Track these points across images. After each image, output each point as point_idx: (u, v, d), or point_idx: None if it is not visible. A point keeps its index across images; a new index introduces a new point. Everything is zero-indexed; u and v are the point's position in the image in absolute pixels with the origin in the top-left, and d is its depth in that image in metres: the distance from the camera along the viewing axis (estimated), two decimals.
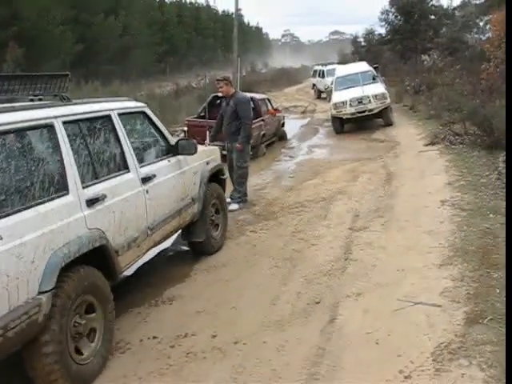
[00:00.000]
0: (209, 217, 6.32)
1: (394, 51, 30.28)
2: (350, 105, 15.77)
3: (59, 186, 3.83)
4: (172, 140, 5.67)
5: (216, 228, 6.59)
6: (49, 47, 30.22)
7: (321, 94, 28.39)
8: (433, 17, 30.74)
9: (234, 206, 8.40)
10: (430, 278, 5.16)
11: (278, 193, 9.41)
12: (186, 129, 13.78)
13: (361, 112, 15.81)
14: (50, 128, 3.89)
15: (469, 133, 11.80)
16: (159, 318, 4.92)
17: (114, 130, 4.69)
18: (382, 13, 31.81)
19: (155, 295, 5.36)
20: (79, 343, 3.88)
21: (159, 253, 6.59)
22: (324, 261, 5.91)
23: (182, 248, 6.77)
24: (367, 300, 4.87)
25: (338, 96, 16.38)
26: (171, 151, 5.61)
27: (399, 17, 30.53)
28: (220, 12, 66.58)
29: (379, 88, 16.21)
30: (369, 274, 5.45)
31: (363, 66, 18.16)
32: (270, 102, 16.10)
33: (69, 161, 3.95)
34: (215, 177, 6.64)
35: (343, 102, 15.89)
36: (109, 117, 4.68)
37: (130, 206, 4.59)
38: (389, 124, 16.28)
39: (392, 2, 31.12)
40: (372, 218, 7.34)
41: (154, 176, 5.03)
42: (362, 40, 37.14)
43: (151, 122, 5.52)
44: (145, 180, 4.88)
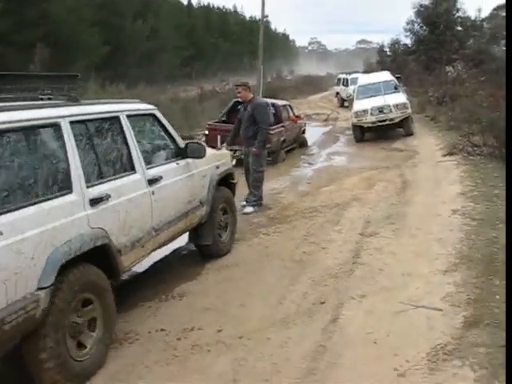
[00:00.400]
0: (217, 220, 6.38)
1: (419, 62, 30.28)
2: (371, 113, 15.89)
3: (63, 185, 3.91)
4: (181, 143, 5.75)
5: (224, 231, 6.66)
6: (76, 49, 30.75)
7: (344, 103, 28.47)
8: (459, 28, 30.69)
9: (248, 209, 8.60)
10: (434, 283, 5.29)
11: (293, 198, 9.58)
12: (206, 132, 14.05)
13: (381, 121, 15.91)
14: (57, 127, 3.98)
15: (487, 144, 11.86)
16: (168, 312, 5.11)
17: (121, 132, 4.76)
18: (408, 23, 31.91)
19: (166, 291, 5.56)
20: (80, 337, 3.98)
21: (173, 251, 6.81)
22: (333, 264, 6.07)
23: (195, 247, 6.95)
24: (371, 302, 5.01)
25: (359, 104, 16.52)
26: (180, 154, 5.68)
27: (424, 27, 30.54)
28: (247, 17, 67.28)
29: (401, 98, 16.31)
30: (375, 277, 5.59)
31: (385, 76, 18.26)
32: (292, 108, 16.27)
33: (74, 160, 4.02)
34: (225, 181, 6.71)
35: (364, 111, 16.02)
36: (117, 118, 4.76)
37: (135, 207, 4.66)
38: (409, 134, 16.34)
39: (418, 13, 31.15)
40: (384, 224, 7.46)
41: (160, 178, 5.09)
42: (387, 49, 37.17)
43: (161, 124, 5.60)
44: (151, 181, 4.94)
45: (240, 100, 15.36)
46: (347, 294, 5.22)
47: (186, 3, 56.77)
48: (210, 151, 6.53)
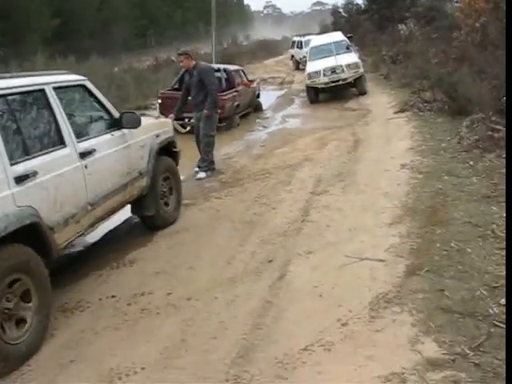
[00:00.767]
0: (159, 190, 6.23)
1: (372, 21, 30.30)
2: (324, 74, 15.90)
3: None
4: (116, 113, 5.52)
5: (169, 201, 6.52)
6: (24, 22, 29.86)
7: (299, 65, 28.40)
8: None
9: (201, 175, 8.62)
10: (379, 235, 5.41)
11: (246, 161, 9.61)
12: (159, 101, 13.90)
13: (334, 81, 15.93)
14: None
15: (437, 100, 12.02)
16: (119, 279, 5.14)
17: (48, 105, 4.53)
18: None
19: (118, 259, 5.57)
20: (17, 315, 3.90)
21: (125, 221, 6.80)
22: (282, 223, 6.14)
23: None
24: (317, 257, 5.11)
25: (311, 66, 16.50)
26: (115, 125, 5.46)
27: None
28: None
29: (352, 57, 16.35)
30: (322, 233, 5.68)
31: (337, 36, 18.23)
32: (245, 73, 16.20)
33: None
34: (167, 150, 6.54)
35: (317, 72, 16.01)
36: (42, 91, 4.52)
37: (66, 182, 4.49)
38: (362, 93, 16.44)
39: None
40: (334, 182, 7.56)
41: (93, 150, 4.91)
42: (341, 11, 37.07)
43: (92, 95, 5.37)
44: (83, 155, 4.76)
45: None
46: (294, 251, 5.31)
47: None
48: (148, 120, 6.46)
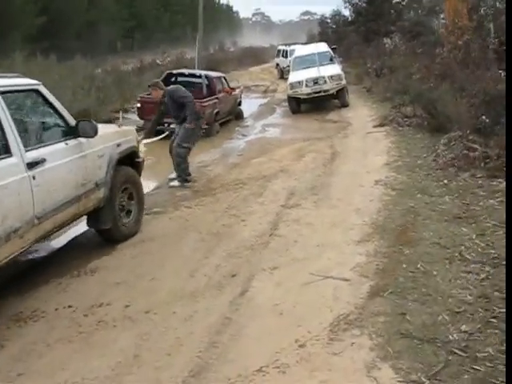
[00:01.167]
0: (117, 203, 5.93)
1: (358, 33, 30.38)
2: (306, 85, 15.85)
3: None
4: (72, 121, 5.27)
5: (128, 214, 6.22)
6: (8, 19, 29.51)
7: (283, 74, 28.38)
8: (397, 0, 30.88)
9: (174, 183, 8.53)
10: (346, 253, 5.33)
11: (221, 170, 9.52)
12: (138, 105, 13.77)
13: (316, 92, 15.90)
14: None
15: (416, 115, 12.02)
16: (79, 288, 5.00)
17: None
18: None
19: (79, 267, 5.43)
20: None
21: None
22: (250, 236, 6.04)
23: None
24: (282, 274, 5.01)
25: (294, 76, 16.47)
26: (71, 133, 5.22)
27: None
28: None
29: (335, 69, 16.33)
30: (289, 249, 5.59)
31: (321, 47, 18.22)
32: (227, 80, 16.13)
33: None
34: (129, 159, 6.32)
35: (299, 82, 15.97)
36: None
37: (10, 194, 4.23)
38: (344, 105, 16.41)
39: None
40: (307, 195, 7.47)
41: (43, 160, 4.65)
42: (329, 21, 37.13)
43: (46, 101, 5.09)
44: (31, 165, 4.50)
45: (173, 72, 15.29)
46: (259, 266, 5.20)
47: None
48: (109, 128, 6.26)
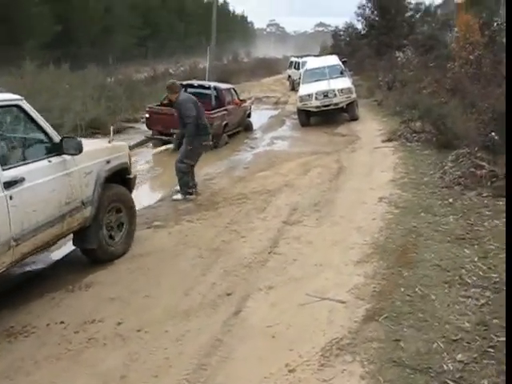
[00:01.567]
0: (104, 222, 5.72)
1: (371, 46, 30.30)
2: (316, 98, 15.78)
3: None
4: (56, 138, 5.07)
5: (117, 233, 5.99)
6: (25, 27, 29.78)
7: (295, 86, 28.36)
8: (409, 13, 30.76)
9: (177, 196, 8.48)
10: (344, 274, 5.24)
11: (226, 183, 9.45)
12: (147, 116, 13.76)
13: (326, 106, 15.82)
14: None
15: (425, 131, 11.91)
16: (72, 303, 4.95)
17: None
18: (359, 7, 31.81)
19: (74, 281, 5.38)
20: None
21: None
22: (248, 253, 5.97)
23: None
24: (277, 294, 4.93)
25: (304, 89, 16.41)
26: (54, 150, 5.03)
27: (375, 12, 30.49)
28: None
29: (346, 82, 16.25)
30: (287, 268, 5.51)
31: (332, 60, 18.17)
32: (236, 92, 16.10)
33: None
34: (120, 176, 6.13)
35: (309, 95, 15.91)
36: None
37: None
38: (354, 119, 16.32)
39: None
40: (309, 212, 7.40)
41: (22, 179, 4.47)
42: (342, 33, 37.08)
43: (28, 117, 4.90)
44: (9, 184, 4.33)
45: (183, 83, 15.28)
46: (256, 285, 5.13)
47: None
48: (99, 144, 6.12)
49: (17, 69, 15.32)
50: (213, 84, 15.00)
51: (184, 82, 15.39)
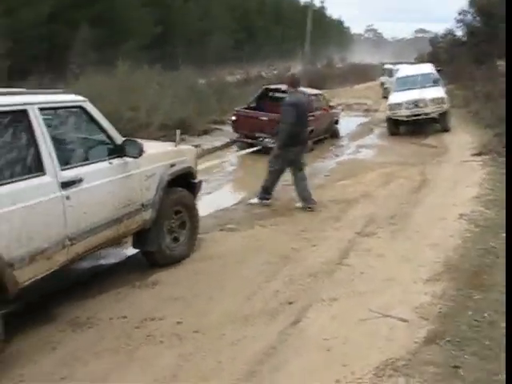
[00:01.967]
0: (165, 225, 5.71)
1: (470, 54, 29.14)
2: (406, 107, 15.45)
3: None
4: (119, 140, 5.09)
5: (178, 237, 5.97)
6: (127, 29, 30.97)
7: (387, 94, 27.84)
8: None
9: (253, 200, 8.50)
10: (411, 291, 5.08)
11: None
12: (234, 118, 13.93)
13: (416, 115, 15.44)
14: None
15: None
16: (136, 300, 5.06)
17: (29, 127, 4.16)
18: (460, 13, 30.67)
19: (141, 278, 5.49)
20: None
21: None
22: (316, 262, 5.89)
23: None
24: (340, 306, 4.84)
25: (394, 97, 16.12)
26: (116, 152, 5.04)
27: (478, 18, 29.27)
28: (302, 3, 66.47)
29: (438, 92, 15.79)
30: (354, 280, 5.40)
31: (426, 68, 17.72)
32: (325, 98, 16.01)
33: None
34: (184, 180, 6.07)
35: (399, 104, 15.60)
36: (24, 112, 4.15)
37: (38, 214, 4.09)
38: (445, 130, 15.82)
39: (471, 2, 29.84)
40: (385, 224, 7.23)
41: (80, 180, 4.51)
42: (440, 40, 35.95)
43: (91, 118, 4.93)
44: (66, 184, 4.36)
45: (271, 87, 15.37)
46: (319, 295, 5.05)
47: None
48: (164, 147, 6.10)
49: (113, 69, 15.92)
50: (300, 89, 14.95)
51: (272, 86, 15.52)
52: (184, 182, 6.05)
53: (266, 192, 8.51)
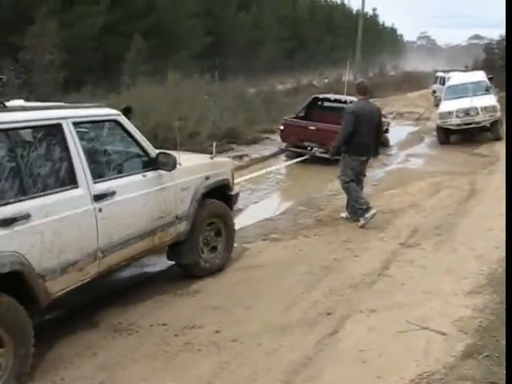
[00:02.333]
0: (200, 237, 5.72)
1: None
2: (456, 116, 15.18)
3: None
4: (153, 153, 5.10)
5: (213, 250, 5.96)
6: (179, 39, 31.62)
7: (439, 102, 27.39)
8: None
9: (342, 214, 8.13)
10: (451, 304, 5.02)
11: None
12: (282, 128, 13.98)
13: (467, 124, 15.16)
14: None
15: None
16: (177, 307, 5.17)
17: (63, 141, 4.23)
18: None
19: (183, 287, 5.60)
20: None
21: None
22: (358, 273, 5.88)
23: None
24: (378, 318, 4.83)
25: (445, 106, 15.85)
26: (150, 165, 5.07)
27: None
28: (354, 11, 66.11)
29: (490, 100, 15.44)
30: (394, 292, 5.37)
31: (477, 76, 17.34)
32: None
33: None
34: (221, 192, 6.06)
35: (449, 113, 15.34)
36: (58, 126, 4.22)
37: (70, 227, 4.13)
38: (498, 139, 15.41)
39: None
40: (430, 235, 7.15)
41: (113, 193, 4.54)
42: (495, 46, 35.08)
43: (126, 131, 4.98)
44: (99, 197, 4.40)
45: (320, 96, 15.37)
46: (358, 306, 5.05)
47: None
48: (199, 160, 6.13)
49: (164, 79, 16.28)
50: (349, 98, 14.89)
51: (320, 96, 15.52)
52: (220, 194, 6.05)
53: (355, 212, 7.88)
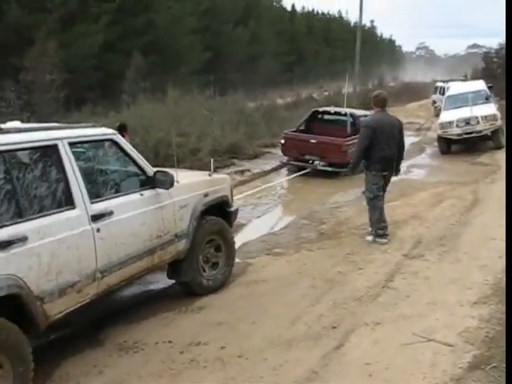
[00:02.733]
0: (200, 255, 5.68)
1: None
2: (457, 125, 15.21)
3: None
4: (150, 171, 5.08)
5: (214, 267, 5.92)
6: (179, 55, 31.78)
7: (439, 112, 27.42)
8: None
9: (368, 237, 7.66)
10: (457, 315, 5.00)
11: (352, 213, 9.34)
12: (282, 141, 14.02)
13: (468, 133, 15.19)
14: None
15: None
16: (182, 324, 5.17)
17: (58, 162, 4.20)
18: None
19: (188, 303, 5.59)
20: None
21: None
22: (362, 286, 5.87)
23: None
24: (383, 330, 4.81)
25: (445, 115, 15.90)
26: (147, 183, 5.04)
27: None
28: (352, 24, 66.28)
29: (490, 109, 15.48)
30: (398, 304, 5.36)
31: (477, 85, 17.40)
32: None
33: None
34: (220, 209, 6.03)
35: (450, 122, 15.38)
36: (54, 146, 4.20)
37: (68, 248, 4.09)
38: (499, 147, 15.41)
39: None
40: (433, 246, 7.14)
41: (111, 213, 4.50)
42: (493, 55, 35.17)
43: (122, 151, 4.96)
44: (96, 217, 4.36)
45: (320, 110, 15.43)
46: (363, 319, 5.04)
47: (289, 9, 56.98)
48: (197, 177, 6.12)
49: (164, 96, 16.34)
50: (349, 111, 14.95)
51: (320, 109, 15.58)
52: (220, 210, 6.02)
53: (376, 227, 7.58)
